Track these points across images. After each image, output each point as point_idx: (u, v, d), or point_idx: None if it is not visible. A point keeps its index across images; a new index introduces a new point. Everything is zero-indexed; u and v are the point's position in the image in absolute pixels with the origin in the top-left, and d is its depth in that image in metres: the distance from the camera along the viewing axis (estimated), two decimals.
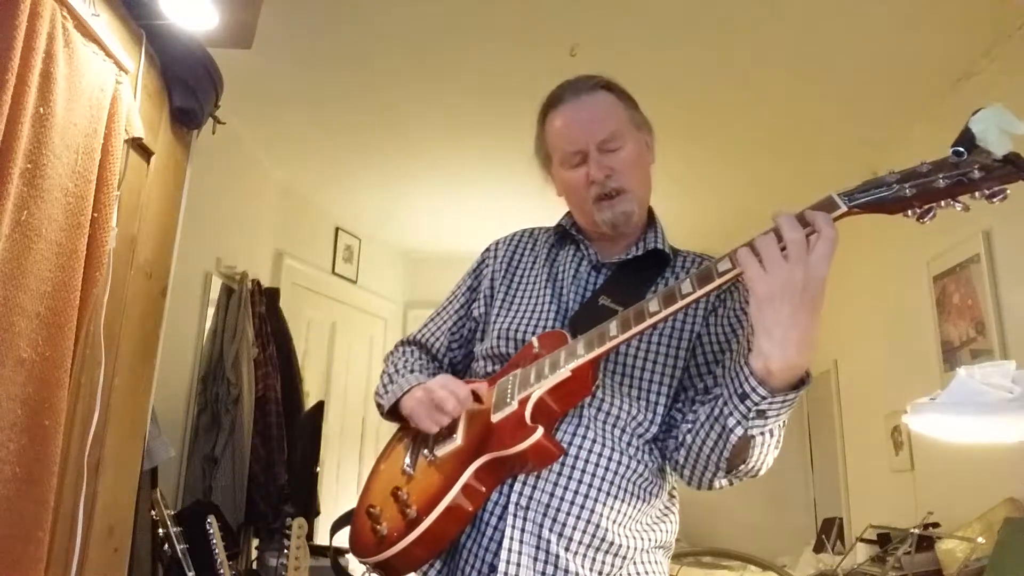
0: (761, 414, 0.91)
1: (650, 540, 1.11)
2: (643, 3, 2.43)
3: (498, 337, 1.21)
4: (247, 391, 3.01)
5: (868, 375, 3.64)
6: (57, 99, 1.29)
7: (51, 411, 1.27)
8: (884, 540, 2.75)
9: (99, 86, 1.44)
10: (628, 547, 1.07)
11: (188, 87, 1.78)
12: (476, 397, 1.13)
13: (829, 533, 3.51)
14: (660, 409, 1.12)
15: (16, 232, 1.21)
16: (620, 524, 1.07)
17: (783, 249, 0.85)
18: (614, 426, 1.10)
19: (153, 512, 2.09)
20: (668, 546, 1.17)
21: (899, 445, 3.20)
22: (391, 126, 3.33)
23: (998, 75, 2.53)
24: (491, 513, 1.06)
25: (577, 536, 1.04)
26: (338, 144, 3.56)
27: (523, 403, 1.04)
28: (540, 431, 0.99)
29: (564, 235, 1.31)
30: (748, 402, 0.91)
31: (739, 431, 0.94)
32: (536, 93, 1.30)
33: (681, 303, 0.93)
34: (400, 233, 4.74)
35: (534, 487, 1.05)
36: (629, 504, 1.08)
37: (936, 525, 2.56)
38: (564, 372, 1.02)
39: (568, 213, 1.32)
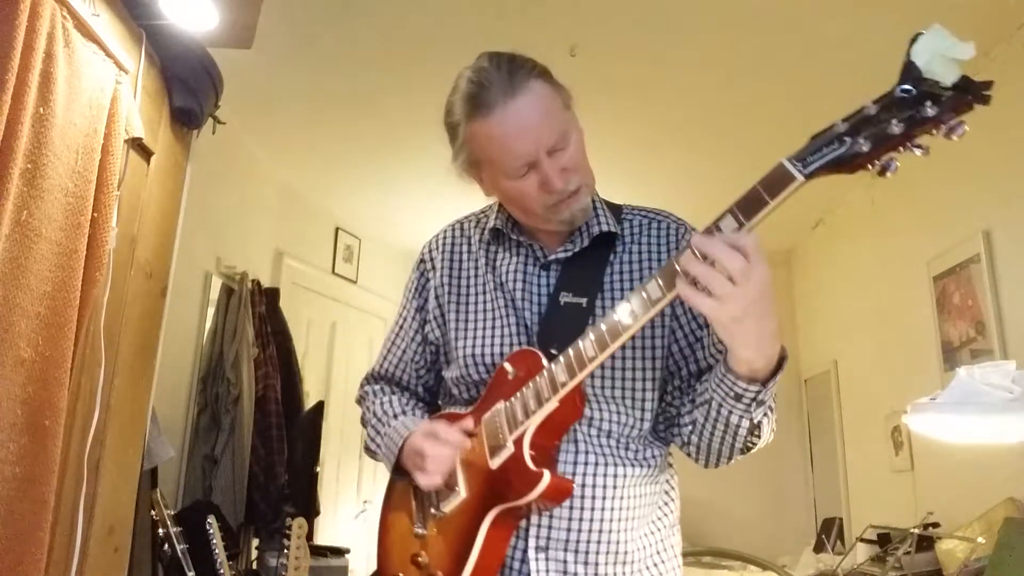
0: (759, 403, 0.95)
1: (665, 527, 1.13)
2: (643, 3, 2.43)
3: (466, 365, 1.15)
4: (247, 391, 3.01)
5: (868, 375, 3.64)
6: (57, 99, 1.29)
7: (51, 411, 1.27)
8: (884, 540, 2.75)
9: (99, 86, 1.44)
10: (650, 546, 1.10)
11: (188, 87, 1.78)
12: (469, 434, 1.09)
13: (829, 533, 3.51)
14: (648, 405, 1.11)
15: (16, 232, 1.21)
16: (638, 530, 1.08)
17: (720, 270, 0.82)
18: (609, 437, 1.09)
19: (153, 512, 2.09)
20: (676, 522, 1.18)
21: (899, 445, 3.20)
22: (391, 126, 3.32)
23: (998, 75, 2.53)
24: (512, 558, 1.05)
25: (602, 559, 1.05)
26: (338, 144, 3.56)
27: (519, 444, 1.02)
28: (547, 477, 0.98)
29: (499, 235, 1.22)
30: (744, 399, 0.94)
31: (745, 423, 0.97)
32: None
33: (655, 309, 0.91)
34: (400, 233, 4.73)
35: (549, 527, 1.05)
36: (641, 506, 1.09)
37: (936, 525, 2.56)
38: (552, 403, 1.00)
39: (500, 210, 1.21)
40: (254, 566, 3.08)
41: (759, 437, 1.02)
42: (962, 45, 0.74)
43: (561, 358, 0.99)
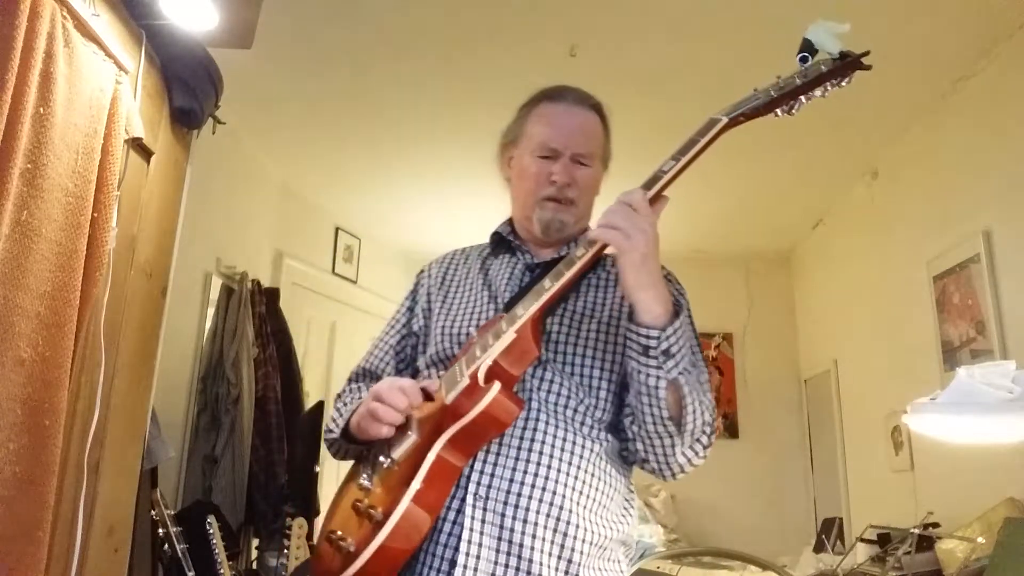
0: (667, 354, 1.01)
1: (615, 532, 1.11)
2: (643, 3, 2.43)
3: (440, 341, 1.21)
4: (247, 391, 3.01)
5: (868, 375, 3.64)
6: (57, 99, 1.29)
7: (51, 411, 1.27)
8: (884, 540, 2.75)
9: (99, 86, 1.44)
10: (594, 533, 1.07)
11: (188, 87, 1.78)
12: (426, 394, 1.10)
13: (829, 533, 3.51)
14: (603, 394, 1.13)
15: (16, 232, 1.21)
16: (585, 507, 1.07)
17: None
18: (566, 407, 1.11)
19: (153, 512, 2.09)
20: (629, 542, 1.17)
21: (899, 445, 3.20)
22: (391, 126, 3.32)
23: (998, 75, 2.53)
24: (448, 508, 1.04)
25: (542, 521, 1.03)
26: (338, 144, 3.56)
27: (473, 376, 1.02)
28: (497, 385, 0.99)
29: (500, 242, 1.33)
30: (651, 351, 1.00)
31: (662, 383, 1.01)
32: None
33: (598, 245, 1.04)
34: (400, 233, 4.73)
35: (492, 475, 1.04)
36: (591, 486, 1.08)
37: (936, 525, 2.56)
38: (509, 335, 1.03)
39: (506, 221, 1.35)
40: (254, 566, 3.08)
41: (686, 411, 1.02)
42: (841, 25, 1.07)
43: (521, 301, 1.07)
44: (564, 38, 2.61)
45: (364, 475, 1.11)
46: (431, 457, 1.00)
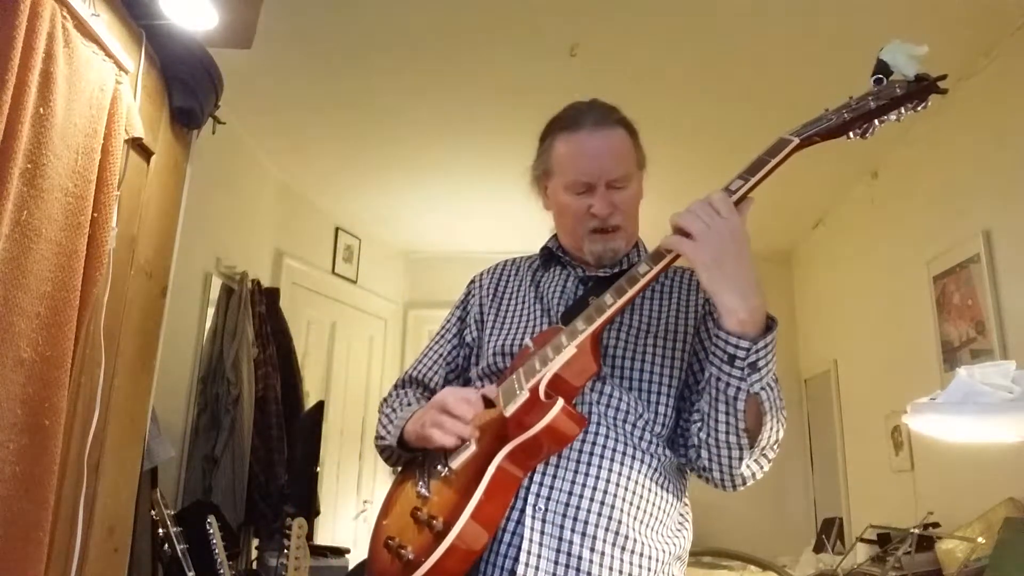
0: (753, 367, 0.96)
1: (672, 547, 1.11)
2: (643, 3, 2.43)
3: (493, 354, 1.21)
4: (247, 391, 3.01)
5: (868, 375, 3.64)
6: (57, 99, 1.29)
7: (51, 411, 1.27)
8: (884, 540, 2.75)
9: (99, 86, 1.44)
10: (651, 548, 1.06)
11: (188, 87, 1.78)
12: (486, 401, 1.10)
13: (829, 533, 3.51)
14: (663, 408, 1.13)
15: (16, 232, 1.21)
16: (642, 522, 1.07)
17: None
18: (624, 421, 1.11)
19: (153, 512, 2.09)
20: (684, 557, 1.17)
21: (899, 445, 3.20)
22: (391, 126, 3.32)
23: (998, 75, 2.53)
24: (507, 518, 1.04)
25: (600, 534, 1.03)
26: (338, 144, 3.56)
27: (534, 389, 1.02)
28: (561, 402, 0.98)
29: (550, 257, 1.33)
30: (737, 361, 0.96)
31: (742, 395, 0.98)
32: (536, 93, 1.30)
33: (667, 260, 1.02)
34: (400, 233, 4.73)
35: (551, 487, 1.05)
36: (649, 501, 1.08)
37: (936, 525, 2.56)
38: (570, 349, 1.02)
39: (554, 236, 1.33)
40: (254, 566, 3.08)
41: (764, 426, 1.00)
42: (919, 47, 1.01)
43: (580, 315, 1.06)
44: (564, 38, 2.61)
45: (421, 482, 1.12)
46: (492, 469, 1.00)
